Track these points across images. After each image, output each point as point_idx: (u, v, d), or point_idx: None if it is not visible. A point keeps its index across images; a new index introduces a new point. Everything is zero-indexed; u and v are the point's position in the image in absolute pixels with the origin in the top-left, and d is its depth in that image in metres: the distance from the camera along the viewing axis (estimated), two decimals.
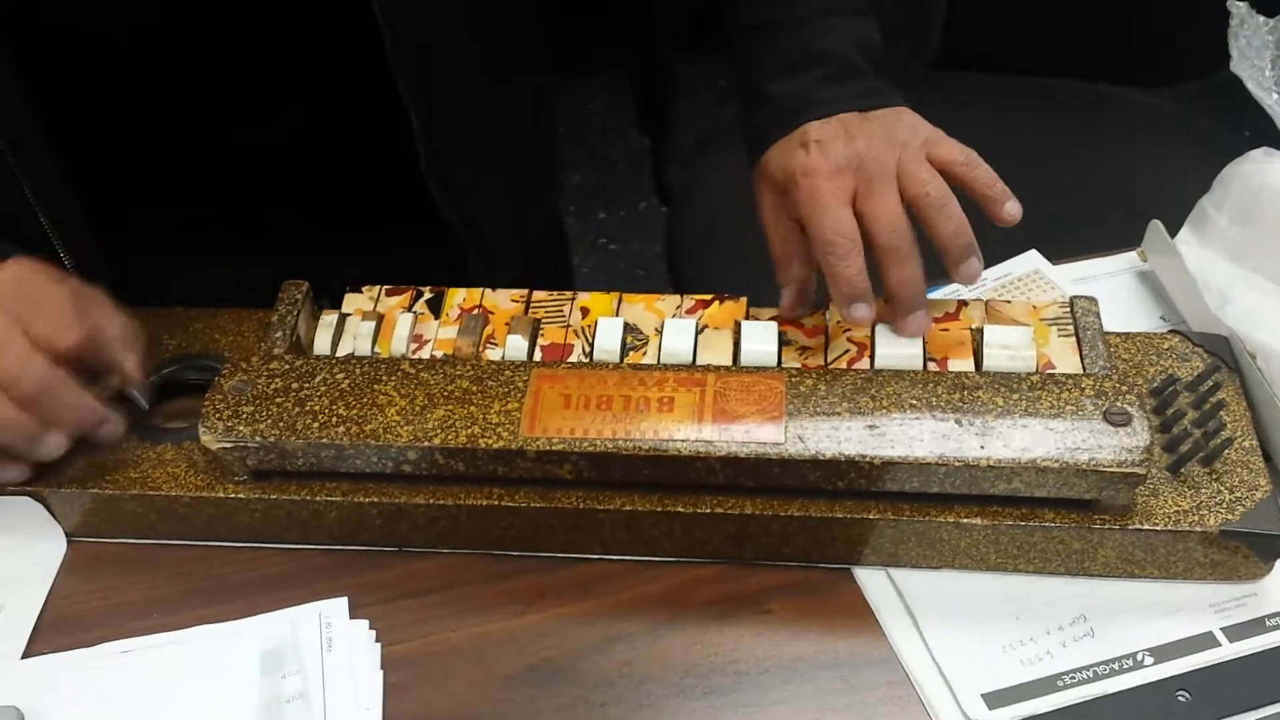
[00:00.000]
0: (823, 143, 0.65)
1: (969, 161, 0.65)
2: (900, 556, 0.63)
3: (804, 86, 0.69)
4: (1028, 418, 0.60)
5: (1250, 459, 0.63)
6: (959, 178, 0.64)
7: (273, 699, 0.59)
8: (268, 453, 0.62)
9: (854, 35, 0.70)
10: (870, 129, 0.66)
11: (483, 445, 0.61)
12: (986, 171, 0.65)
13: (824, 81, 0.69)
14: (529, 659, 0.62)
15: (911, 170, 0.64)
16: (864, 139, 0.65)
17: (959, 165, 0.64)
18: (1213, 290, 0.71)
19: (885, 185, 0.64)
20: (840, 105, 0.67)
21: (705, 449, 0.60)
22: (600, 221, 1.91)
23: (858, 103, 0.68)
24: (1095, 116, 1.12)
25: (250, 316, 0.73)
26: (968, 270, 0.64)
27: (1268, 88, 0.71)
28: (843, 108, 0.67)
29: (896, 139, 0.65)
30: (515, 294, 0.70)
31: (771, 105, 0.70)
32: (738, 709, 0.60)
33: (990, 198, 0.64)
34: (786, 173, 0.66)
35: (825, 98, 0.68)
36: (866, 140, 0.65)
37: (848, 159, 0.65)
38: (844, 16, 0.71)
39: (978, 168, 0.65)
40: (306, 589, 0.64)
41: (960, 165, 0.64)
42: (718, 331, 0.67)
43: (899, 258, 0.63)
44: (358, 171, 0.82)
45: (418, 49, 0.72)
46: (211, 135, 0.78)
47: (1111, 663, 0.60)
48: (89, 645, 0.62)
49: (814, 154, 0.65)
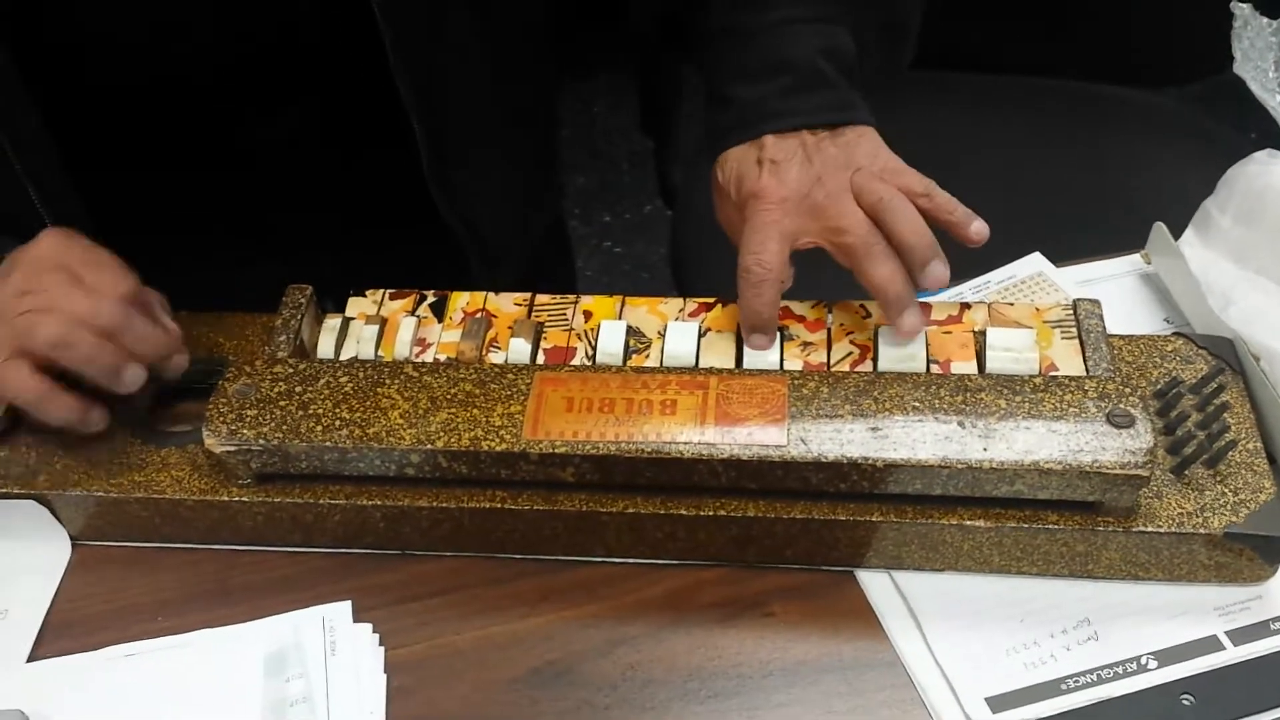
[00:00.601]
0: (778, 164, 0.66)
1: (928, 191, 0.65)
2: (903, 559, 0.63)
3: (767, 94, 0.69)
4: (1031, 420, 0.60)
5: (1254, 461, 0.63)
6: (920, 209, 0.64)
7: (276, 702, 0.59)
8: (271, 456, 0.62)
9: (823, 43, 0.70)
10: (828, 154, 0.66)
11: (486, 448, 0.61)
12: (946, 198, 0.65)
13: (788, 91, 0.68)
14: (532, 662, 0.62)
15: (865, 184, 0.64)
16: (820, 162, 0.66)
17: (918, 196, 0.64)
18: (1216, 292, 0.70)
19: (842, 198, 0.64)
20: (802, 118, 0.67)
21: (708, 451, 0.60)
22: (604, 224, 1.91)
23: (821, 116, 0.68)
24: (1099, 118, 1.12)
25: (254, 320, 0.73)
26: (932, 273, 0.63)
27: (1271, 89, 0.71)
28: (804, 121, 0.67)
29: (853, 164, 0.66)
30: (518, 297, 0.70)
31: (733, 109, 0.70)
32: (741, 712, 0.60)
33: (954, 222, 0.64)
34: (740, 186, 0.67)
35: (787, 108, 0.68)
36: (822, 163, 0.66)
37: (799, 184, 0.65)
38: (815, 24, 0.70)
39: (937, 195, 0.65)
40: (310, 592, 0.64)
41: (920, 196, 0.64)
42: (720, 334, 0.67)
43: (873, 254, 0.63)
44: (360, 174, 0.82)
45: (420, 52, 0.72)
46: (213, 136, 0.78)
47: (1115, 666, 0.60)
48: (93, 649, 0.63)
49: (766, 176, 0.66)
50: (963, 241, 0.64)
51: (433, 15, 0.72)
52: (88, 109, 0.74)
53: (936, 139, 1.08)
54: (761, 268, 0.64)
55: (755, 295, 0.64)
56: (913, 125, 1.05)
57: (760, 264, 0.64)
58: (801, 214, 0.65)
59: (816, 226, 0.65)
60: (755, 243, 0.64)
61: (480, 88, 0.79)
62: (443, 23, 0.73)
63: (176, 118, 0.76)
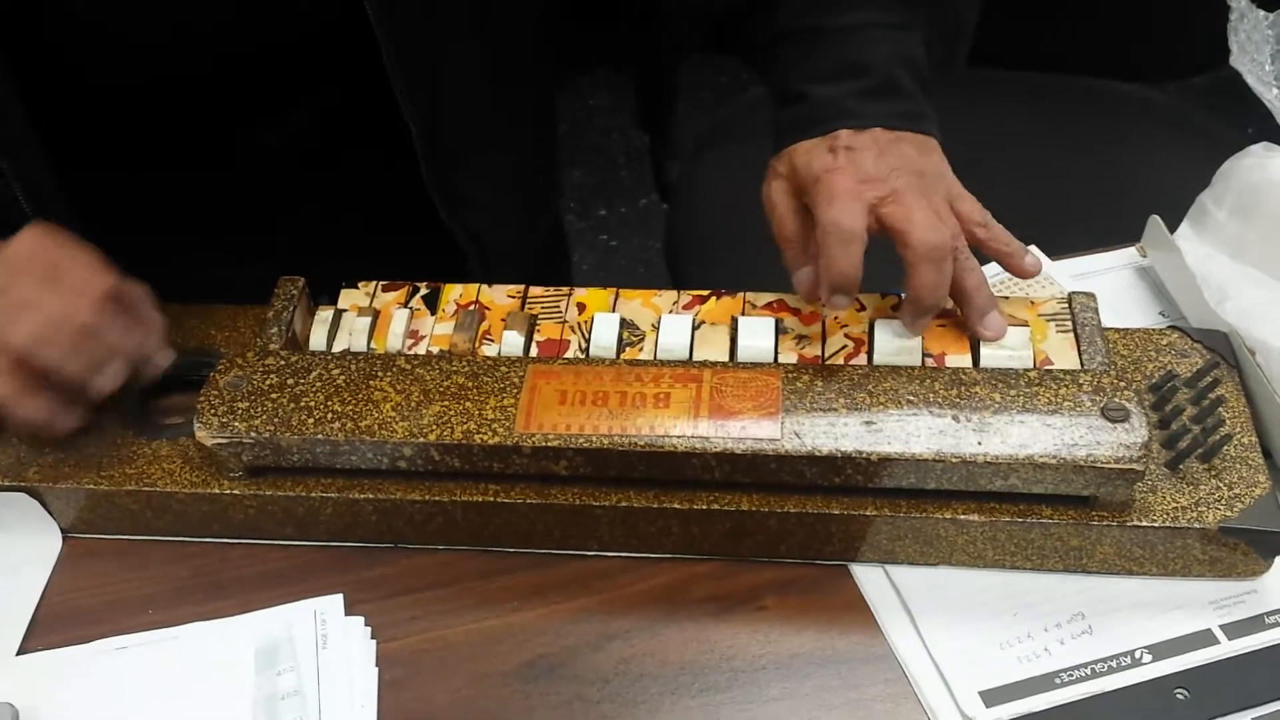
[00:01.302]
0: (854, 150, 0.65)
1: (986, 222, 0.65)
2: (897, 553, 0.63)
3: (841, 95, 0.68)
4: (1025, 414, 0.60)
5: (1249, 455, 0.62)
6: (976, 238, 0.65)
7: (268, 695, 0.59)
8: (263, 449, 0.62)
9: (898, 50, 0.69)
10: (902, 150, 0.66)
11: (478, 441, 0.61)
12: (1001, 231, 0.66)
13: (862, 94, 0.68)
14: (525, 656, 0.62)
15: (958, 196, 0.65)
16: (895, 157, 0.65)
17: (976, 225, 0.65)
18: (1212, 286, 0.70)
19: (916, 196, 0.63)
20: (875, 120, 0.66)
21: (702, 445, 0.60)
22: (601, 218, 1.91)
23: (894, 121, 0.67)
24: (1096, 112, 1.12)
25: (246, 313, 0.72)
26: (993, 322, 0.64)
27: (1267, 82, 0.70)
28: (877, 123, 0.66)
29: (928, 171, 0.65)
30: (512, 289, 0.70)
31: (805, 104, 0.68)
32: (734, 706, 0.59)
33: (1008, 253, 0.65)
34: (809, 171, 0.65)
35: (862, 110, 0.67)
36: (898, 159, 0.65)
37: (876, 172, 0.64)
38: (891, 31, 0.70)
39: (994, 228, 0.66)
40: (302, 585, 0.64)
41: (979, 226, 0.65)
42: (714, 327, 0.67)
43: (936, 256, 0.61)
44: (358, 177, 0.81)
45: (417, 56, 0.72)
46: (210, 137, 0.78)
47: (1110, 660, 0.60)
48: (84, 642, 0.62)
49: (842, 158, 0.64)
50: (1015, 274, 0.66)
51: (430, 19, 0.72)
52: (84, 110, 0.73)
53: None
54: (849, 227, 0.62)
55: (844, 252, 0.62)
56: None
57: (847, 222, 0.62)
58: (875, 194, 0.63)
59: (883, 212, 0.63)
60: (838, 206, 0.62)
61: (478, 92, 0.79)
62: (440, 27, 0.73)
63: (173, 119, 0.76)
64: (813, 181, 0.64)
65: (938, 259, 0.62)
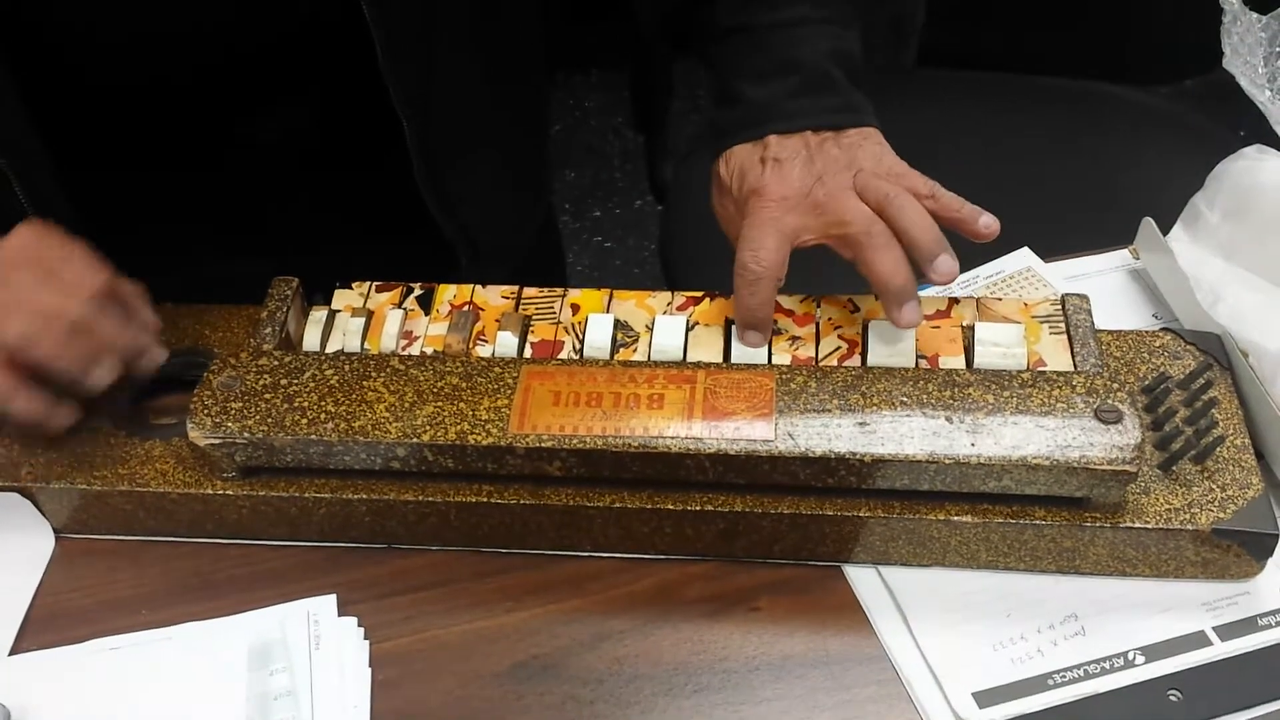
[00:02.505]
0: (780, 162, 0.66)
1: (933, 192, 0.65)
2: (890, 554, 0.63)
3: (774, 95, 0.69)
4: (1019, 415, 0.60)
5: (1242, 457, 0.63)
6: (926, 209, 0.64)
7: (260, 695, 0.59)
8: (256, 449, 0.62)
9: (831, 46, 0.70)
10: (830, 154, 0.66)
11: (472, 442, 0.61)
12: (951, 197, 0.65)
13: (795, 92, 0.68)
14: (518, 656, 0.62)
15: (869, 182, 0.64)
16: (823, 162, 0.66)
17: (924, 198, 0.64)
18: (1205, 288, 0.70)
19: (844, 195, 0.64)
20: (808, 119, 0.67)
21: (695, 446, 0.60)
22: (595, 219, 1.91)
23: (827, 118, 0.67)
24: (1090, 115, 1.12)
25: (240, 313, 0.72)
26: (942, 267, 0.63)
27: (1260, 84, 0.70)
28: (810, 122, 0.67)
29: (855, 164, 0.65)
30: (506, 290, 0.70)
31: (740, 108, 0.69)
32: (727, 707, 0.59)
33: (962, 219, 0.64)
34: (742, 183, 0.67)
35: (794, 109, 0.68)
36: (824, 163, 0.65)
37: (800, 182, 0.65)
38: (823, 26, 0.70)
39: (942, 195, 0.65)
40: (295, 586, 0.64)
41: (925, 198, 0.64)
42: (708, 328, 0.67)
43: (876, 244, 0.62)
44: (352, 174, 0.81)
45: (411, 54, 0.72)
46: (205, 134, 0.78)
47: (1102, 661, 0.60)
48: (77, 642, 0.62)
49: (769, 174, 0.65)
50: (972, 238, 0.64)
51: (424, 18, 0.72)
52: (80, 107, 0.73)
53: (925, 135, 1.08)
54: (758, 265, 0.63)
55: (750, 293, 0.64)
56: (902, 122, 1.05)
57: (757, 261, 0.63)
58: (802, 212, 0.65)
59: (818, 223, 0.65)
60: (753, 240, 0.64)
61: (472, 90, 0.79)
62: (434, 25, 0.73)
63: (169, 116, 0.76)
64: (742, 202, 0.66)
65: (881, 243, 0.62)
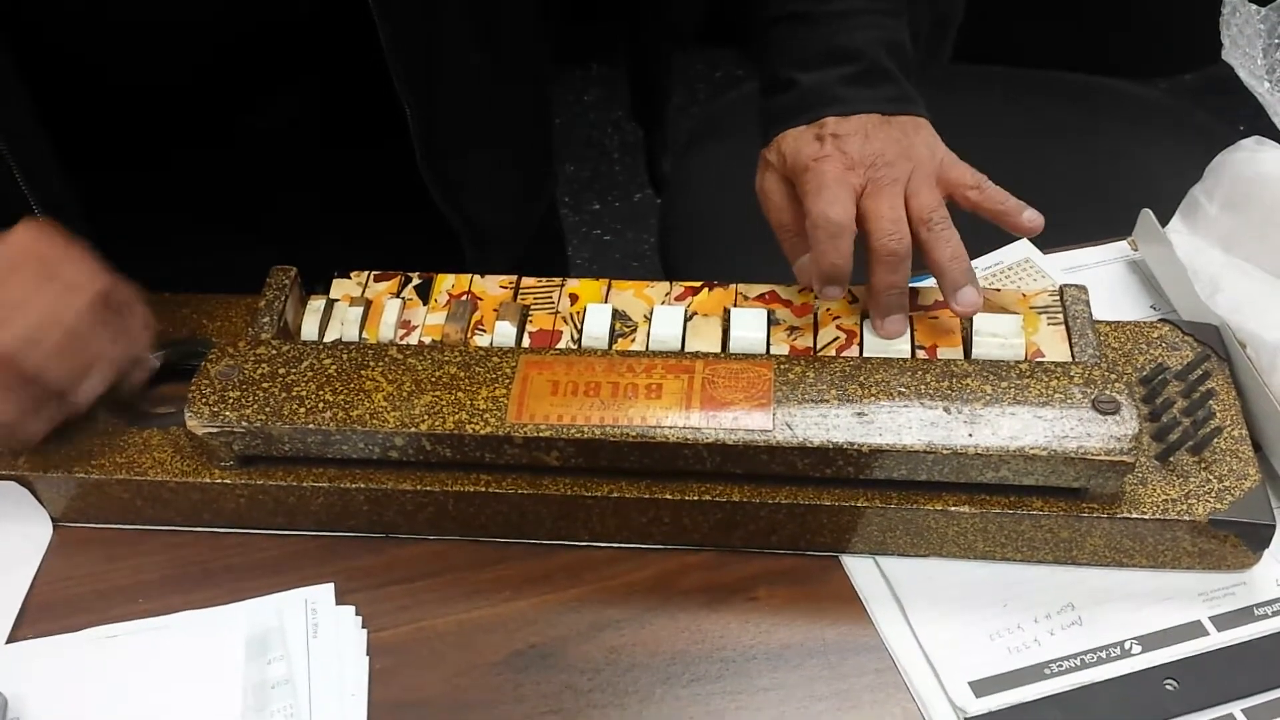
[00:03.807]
0: (840, 137, 0.66)
1: (979, 184, 0.66)
2: (888, 544, 0.63)
3: (828, 81, 0.69)
4: (1016, 406, 0.60)
5: (1239, 448, 0.63)
6: (971, 201, 0.65)
7: (258, 684, 0.59)
8: (254, 438, 0.62)
9: (884, 36, 0.70)
10: (889, 134, 0.66)
11: (470, 431, 0.61)
12: (996, 190, 0.66)
13: (849, 80, 0.68)
14: (516, 645, 0.62)
15: (919, 190, 0.65)
16: (881, 141, 0.66)
17: (970, 189, 0.65)
18: (1203, 279, 0.70)
19: (893, 190, 0.64)
20: (862, 105, 0.67)
21: (693, 436, 0.60)
22: (595, 212, 1.91)
23: (881, 106, 0.68)
24: (1089, 108, 1.12)
25: (238, 302, 0.72)
26: (965, 299, 0.64)
27: (1259, 76, 0.70)
28: (864, 108, 0.67)
29: (912, 152, 0.66)
30: (504, 280, 0.70)
31: (794, 92, 0.69)
32: (725, 696, 0.59)
33: (1005, 212, 0.65)
34: (797, 159, 0.66)
35: (848, 96, 0.68)
36: (883, 143, 0.66)
37: (861, 157, 0.65)
38: (875, 16, 0.70)
39: (988, 189, 0.66)
40: (293, 575, 0.64)
41: (971, 189, 0.65)
42: (707, 318, 0.67)
43: (892, 263, 0.63)
44: (355, 160, 0.81)
45: (415, 40, 0.72)
46: (208, 121, 0.77)
47: (1099, 651, 0.60)
48: (74, 630, 0.62)
49: (829, 146, 0.65)
50: (1014, 230, 0.65)
51: (432, 7, 0.72)
52: (82, 95, 0.73)
53: None
54: (840, 216, 0.63)
55: (832, 246, 0.63)
56: None
57: (837, 213, 0.63)
58: (860, 181, 0.65)
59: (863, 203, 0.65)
60: (827, 197, 0.63)
61: (475, 76, 0.79)
62: (438, 10, 0.73)
63: (172, 103, 0.75)
64: (802, 170, 0.65)
65: (892, 263, 0.63)
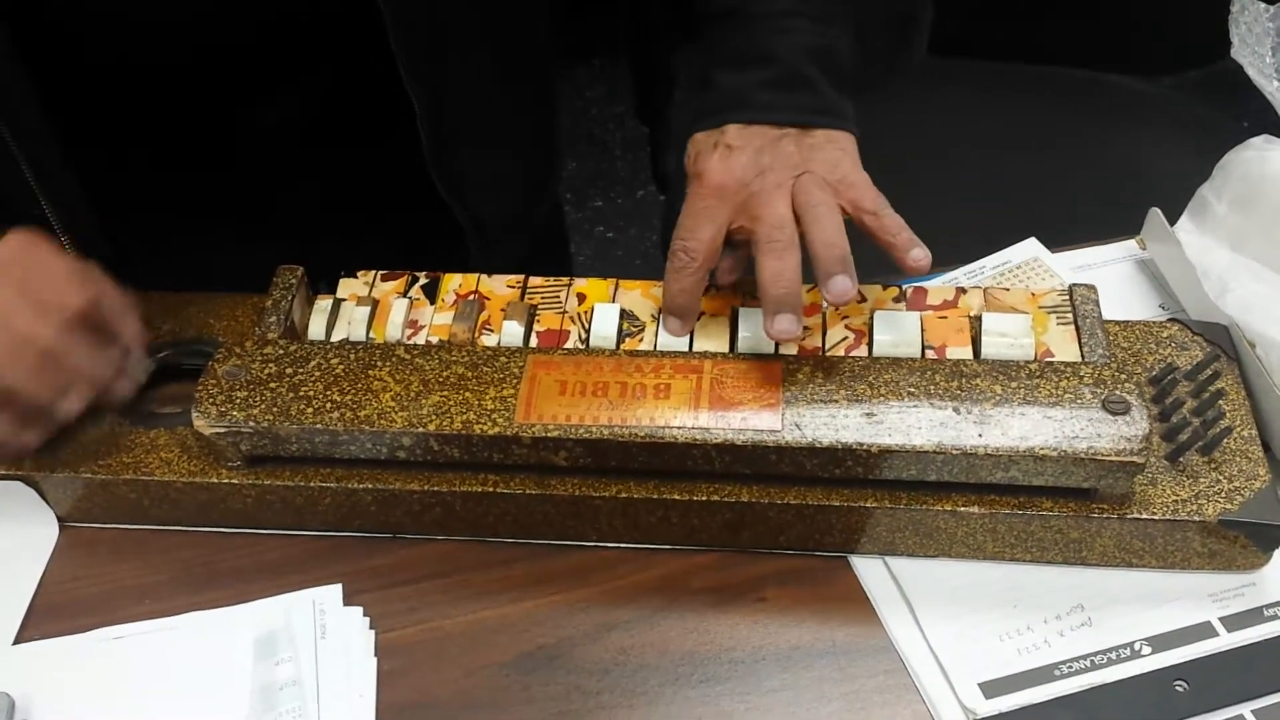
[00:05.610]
0: (731, 150, 0.65)
1: (877, 211, 0.63)
2: (897, 545, 0.63)
3: (745, 84, 0.67)
4: (1026, 406, 0.60)
5: (1249, 448, 0.62)
6: (866, 226, 0.63)
7: (266, 685, 0.59)
8: (261, 438, 0.62)
9: (811, 43, 0.68)
10: (784, 150, 0.65)
11: (478, 432, 0.61)
12: (893, 220, 0.63)
13: (766, 85, 0.67)
14: (523, 646, 0.61)
15: (804, 186, 0.63)
16: (772, 156, 0.64)
17: (866, 213, 0.63)
18: (1212, 278, 0.70)
19: (777, 193, 0.63)
20: (776, 114, 0.66)
21: (702, 436, 0.60)
22: (598, 209, 1.90)
23: (795, 116, 0.66)
24: (1096, 105, 1.12)
25: (245, 301, 0.72)
26: (835, 287, 0.61)
27: (1268, 74, 0.70)
28: (777, 117, 0.66)
29: (806, 166, 0.64)
30: (511, 279, 0.70)
31: (710, 93, 0.69)
32: (733, 697, 0.59)
33: (895, 244, 0.62)
34: (693, 165, 0.66)
35: (759, 102, 0.66)
36: (773, 158, 0.64)
37: (742, 173, 0.64)
38: (805, 21, 0.68)
39: (885, 218, 0.63)
40: (300, 575, 0.64)
41: (868, 214, 0.63)
42: (714, 318, 0.67)
43: (774, 250, 0.61)
44: (362, 156, 0.81)
45: (424, 36, 0.72)
46: (214, 116, 0.77)
47: (1109, 652, 0.60)
48: (81, 631, 0.62)
49: (715, 159, 0.65)
50: (900, 267, 0.62)
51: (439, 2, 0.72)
52: (87, 90, 0.73)
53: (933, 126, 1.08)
54: (687, 254, 0.63)
55: (676, 280, 0.64)
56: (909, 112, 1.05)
57: (686, 250, 0.63)
58: (735, 203, 0.64)
59: (743, 216, 0.64)
60: (686, 228, 0.64)
61: (482, 71, 0.79)
62: (449, 9, 0.73)
63: (177, 98, 0.75)
64: (693, 178, 0.66)
65: (774, 249, 0.61)
